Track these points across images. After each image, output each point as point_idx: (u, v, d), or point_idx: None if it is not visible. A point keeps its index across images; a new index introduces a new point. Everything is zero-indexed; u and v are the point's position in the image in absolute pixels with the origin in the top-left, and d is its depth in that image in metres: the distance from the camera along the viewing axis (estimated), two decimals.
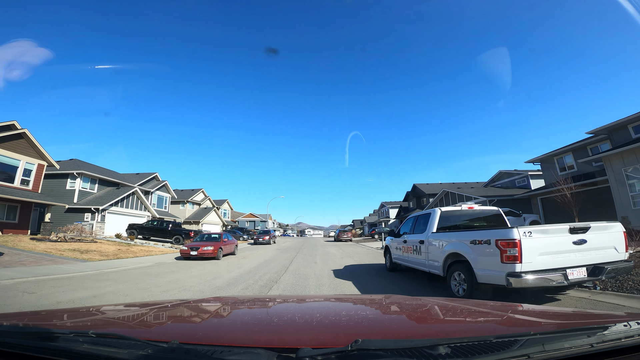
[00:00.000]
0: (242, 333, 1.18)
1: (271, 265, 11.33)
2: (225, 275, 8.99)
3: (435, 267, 5.77)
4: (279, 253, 17.64)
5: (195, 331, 1.23)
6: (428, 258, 6.11)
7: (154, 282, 7.69)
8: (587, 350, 0.80)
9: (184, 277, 8.64)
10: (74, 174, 24.04)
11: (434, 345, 0.76)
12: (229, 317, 1.60)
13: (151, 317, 1.53)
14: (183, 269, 10.47)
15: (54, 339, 0.88)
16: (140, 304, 1.87)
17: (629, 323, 0.91)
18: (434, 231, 6.18)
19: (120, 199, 26.09)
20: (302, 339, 1.08)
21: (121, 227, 24.26)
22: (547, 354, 0.77)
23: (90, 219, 23.42)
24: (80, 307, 1.70)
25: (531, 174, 26.07)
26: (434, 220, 6.32)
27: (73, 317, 1.45)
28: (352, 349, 0.73)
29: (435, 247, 5.91)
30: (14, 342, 0.90)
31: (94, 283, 7.32)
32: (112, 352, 0.81)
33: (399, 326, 1.42)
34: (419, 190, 39.79)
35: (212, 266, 11.30)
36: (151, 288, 6.97)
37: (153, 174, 34.72)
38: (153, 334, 1.21)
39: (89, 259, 11.69)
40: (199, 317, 1.60)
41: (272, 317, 1.62)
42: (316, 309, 1.84)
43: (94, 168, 27.63)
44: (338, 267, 10.57)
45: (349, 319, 1.50)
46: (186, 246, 13.93)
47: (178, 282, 7.74)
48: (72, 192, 23.90)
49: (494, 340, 0.82)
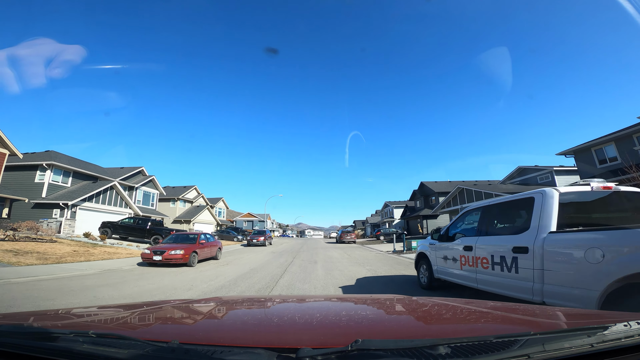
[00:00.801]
0: (242, 333, 1.18)
1: (256, 277, 8.92)
2: (183, 293, 6.76)
3: (569, 297, 3.13)
4: (272, 258, 15.25)
5: (195, 331, 1.23)
6: (543, 280, 3.44)
7: (55, 304, 5.48)
8: (587, 350, 0.80)
9: (118, 295, 6.47)
10: (44, 165, 21.15)
11: (434, 345, 0.76)
12: (229, 317, 1.60)
13: (151, 317, 1.53)
14: (130, 280, 8.33)
15: (54, 339, 0.88)
16: (140, 304, 1.87)
17: (629, 323, 0.91)
18: (553, 229, 3.53)
19: (95, 194, 23.37)
20: (302, 339, 1.08)
21: (96, 225, 21.72)
22: (547, 354, 0.77)
23: (58, 216, 20.66)
24: (80, 307, 1.71)
25: (556, 169, 24.47)
26: (549, 209, 3.63)
27: (73, 317, 1.45)
28: (352, 349, 0.73)
29: (567, 260, 3.22)
30: (14, 342, 0.90)
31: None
32: (112, 352, 0.81)
33: (399, 326, 1.42)
34: (427, 188, 38.51)
35: (174, 277, 8.89)
36: None
37: (138, 168, 31.54)
38: (153, 334, 1.21)
39: (17, 263, 9.69)
40: (199, 317, 1.60)
41: (272, 317, 1.62)
42: (316, 309, 1.84)
43: (69, 160, 24.77)
44: (348, 282, 8.06)
45: (349, 319, 1.50)
46: (149, 249, 11.27)
47: (97, 302, 5.73)
48: (41, 185, 21.09)
49: (494, 340, 0.82)
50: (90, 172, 25.24)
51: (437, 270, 5.94)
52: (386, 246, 23.87)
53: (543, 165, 26.05)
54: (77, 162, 25.53)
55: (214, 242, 14.43)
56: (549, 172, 25.05)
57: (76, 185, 23.67)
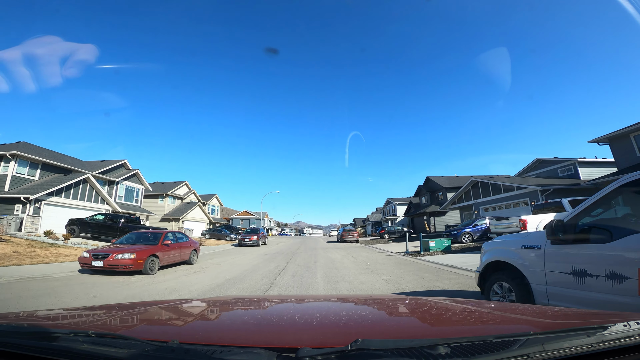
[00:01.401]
0: (242, 333, 1.18)
1: (232, 293, 6.73)
2: None
3: None
4: (262, 262, 12.85)
5: (195, 331, 1.23)
6: None
7: None
8: (587, 350, 0.80)
9: None
10: (7, 155, 18.68)
11: (434, 345, 0.76)
12: (229, 316, 1.61)
13: (151, 316, 1.54)
14: (40, 296, 5.85)
15: (54, 339, 0.88)
16: (140, 303, 1.87)
17: (628, 323, 0.91)
18: None
19: (65, 188, 20.73)
20: (302, 338, 1.08)
21: (65, 222, 19.21)
22: (547, 354, 0.77)
23: (20, 212, 18.48)
24: (80, 307, 1.71)
25: (580, 161, 23.21)
26: None
27: (73, 317, 1.45)
28: (352, 348, 0.73)
29: None
30: (14, 342, 0.90)
31: None
32: (112, 352, 0.81)
33: (399, 326, 1.42)
34: (434, 183, 36.88)
35: (109, 291, 6.66)
36: None
37: (120, 160, 28.53)
38: (153, 333, 1.21)
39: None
40: (199, 316, 1.60)
41: (272, 317, 1.63)
42: (316, 309, 1.84)
43: (38, 150, 22.01)
44: None
45: (349, 319, 1.50)
46: (88, 252, 8.78)
47: None
48: (4, 178, 18.76)
49: (493, 340, 0.82)
50: (63, 164, 22.49)
51: (550, 294, 3.15)
52: (394, 246, 21.32)
53: (563, 158, 24.69)
54: (47, 153, 22.60)
55: (187, 242, 11.92)
56: (571, 164, 23.54)
57: (45, 178, 21.02)
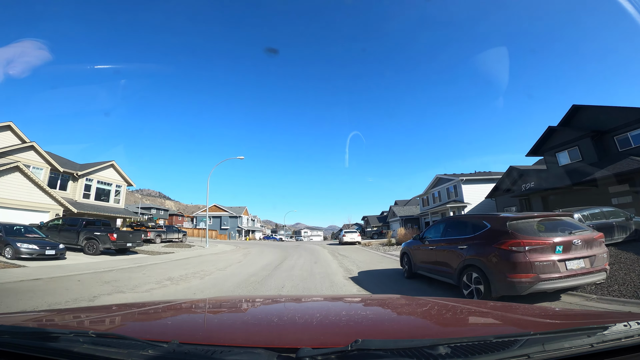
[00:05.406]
0: (242, 333, 1.18)
1: None
2: None
3: None
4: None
5: (195, 331, 1.23)
6: None
7: None
8: (587, 350, 0.80)
9: None
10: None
11: (434, 345, 0.76)
12: (229, 317, 1.60)
13: (151, 317, 1.53)
14: None
15: (54, 339, 0.88)
16: (140, 304, 1.87)
17: (629, 323, 0.91)
18: None
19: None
20: (302, 338, 1.08)
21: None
22: (547, 354, 0.77)
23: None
24: (80, 307, 1.71)
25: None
26: None
27: (73, 317, 1.45)
28: (352, 349, 0.73)
29: None
30: (14, 342, 0.90)
31: None
32: (112, 352, 0.81)
33: (399, 326, 1.42)
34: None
35: None
36: None
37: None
38: (153, 334, 1.21)
39: None
40: (199, 317, 1.60)
41: (272, 317, 1.62)
42: (316, 309, 1.84)
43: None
44: None
45: (349, 319, 1.50)
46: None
47: None
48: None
49: (494, 340, 0.82)
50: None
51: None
52: None
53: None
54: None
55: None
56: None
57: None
